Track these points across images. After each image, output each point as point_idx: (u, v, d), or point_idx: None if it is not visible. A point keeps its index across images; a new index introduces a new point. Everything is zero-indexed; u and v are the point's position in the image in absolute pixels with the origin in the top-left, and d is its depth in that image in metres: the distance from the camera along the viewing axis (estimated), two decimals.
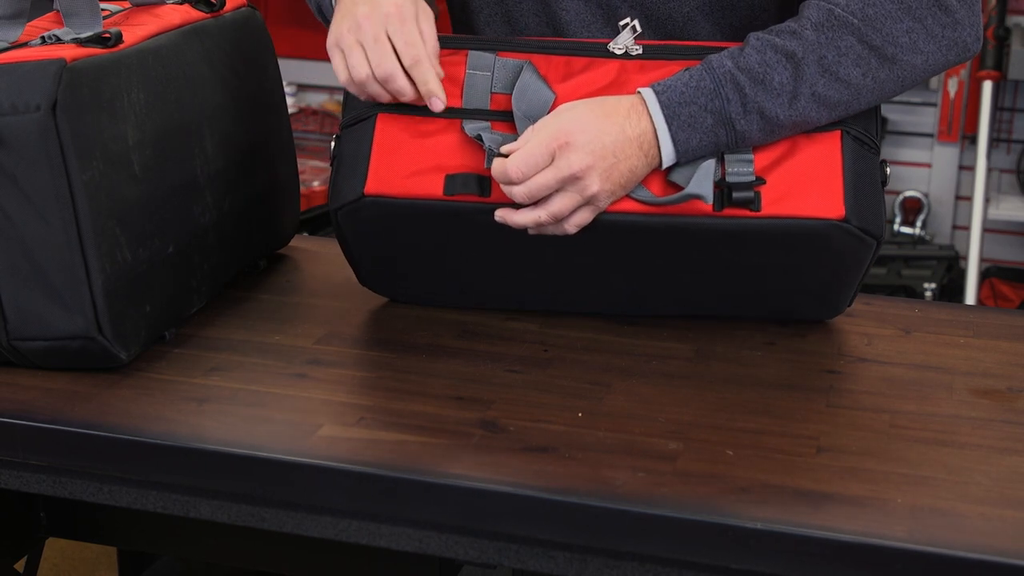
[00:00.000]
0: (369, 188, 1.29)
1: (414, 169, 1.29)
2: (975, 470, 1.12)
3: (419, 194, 1.29)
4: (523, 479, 1.09)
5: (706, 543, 1.04)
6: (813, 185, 1.27)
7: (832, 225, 1.26)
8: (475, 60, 1.32)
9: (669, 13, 1.38)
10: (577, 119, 1.24)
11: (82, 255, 1.22)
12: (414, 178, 1.29)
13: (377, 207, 1.30)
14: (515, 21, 1.43)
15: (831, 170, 1.27)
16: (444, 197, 1.29)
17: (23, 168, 1.20)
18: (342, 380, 1.28)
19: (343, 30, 1.29)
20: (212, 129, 1.41)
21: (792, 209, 1.26)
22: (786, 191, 1.27)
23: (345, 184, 1.31)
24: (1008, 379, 1.30)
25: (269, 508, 1.15)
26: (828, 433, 1.18)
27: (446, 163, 1.29)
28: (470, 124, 1.30)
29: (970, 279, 3.36)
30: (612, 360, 1.32)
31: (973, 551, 1.00)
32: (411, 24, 1.28)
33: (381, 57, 1.28)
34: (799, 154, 1.28)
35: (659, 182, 1.27)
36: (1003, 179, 3.64)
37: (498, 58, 1.31)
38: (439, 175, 1.29)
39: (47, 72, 1.20)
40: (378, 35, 1.28)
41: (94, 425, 1.18)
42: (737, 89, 1.25)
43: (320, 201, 3.62)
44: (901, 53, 1.27)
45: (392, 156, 1.30)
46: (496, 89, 1.31)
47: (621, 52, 1.31)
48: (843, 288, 1.37)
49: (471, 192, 1.28)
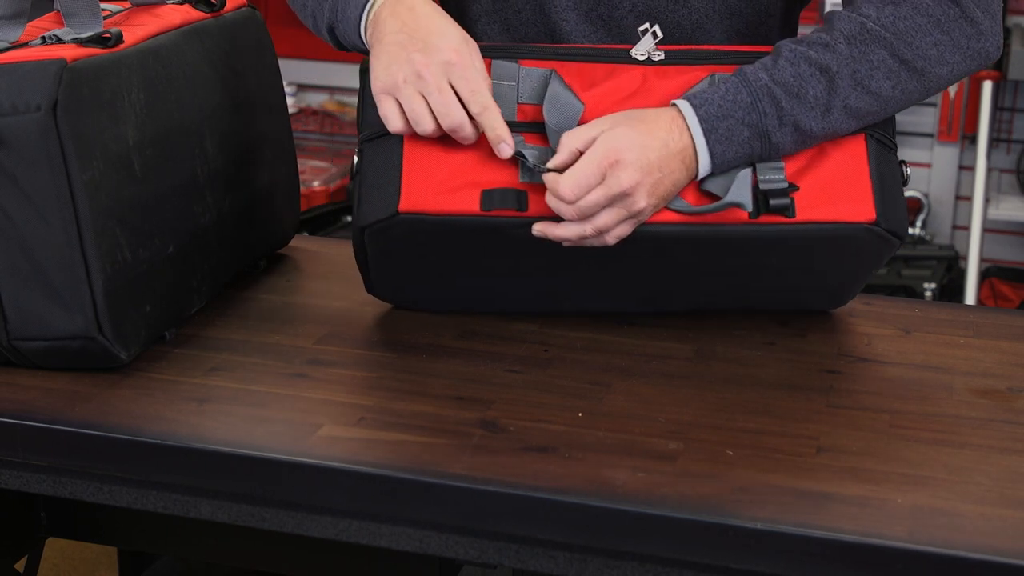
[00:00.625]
0: (404, 205, 1.26)
1: (448, 185, 1.27)
2: (975, 470, 1.12)
3: (455, 210, 1.26)
4: (523, 479, 1.09)
5: (706, 543, 1.04)
6: (844, 189, 1.28)
7: (864, 228, 1.28)
8: (499, 70, 1.29)
9: (678, 21, 1.38)
10: (623, 136, 1.23)
11: (82, 255, 1.22)
12: (449, 194, 1.26)
13: (411, 224, 1.27)
14: (514, 30, 1.42)
15: (859, 174, 1.29)
16: (481, 213, 1.26)
17: (23, 168, 1.20)
18: (342, 380, 1.28)
19: (398, 80, 1.24)
20: (212, 129, 1.41)
21: (825, 214, 1.28)
22: (818, 196, 1.28)
23: (374, 201, 1.28)
24: (1008, 379, 1.30)
25: (269, 508, 1.15)
26: (828, 433, 1.18)
27: (479, 177, 1.27)
28: None
29: (970, 279, 3.36)
30: (612, 360, 1.32)
31: (973, 551, 1.00)
32: (472, 69, 1.25)
33: (448, 108, 1.24)
34: (827, 159, 1.29)
35: (693, 191, 1.28)
36: (1003, 179, 3.64)
37: (522, 67, 1.29)
38: (474, 190, 1.27)
39: (47, 72, 1.20)
40: (441, 86, 1.24)
41: (94, 425, 1.18)
42: (774, 102, 1.26)
43: (320, 201, 3.62)
44: (929, 65, 1.28)
45: (424, 171, 1.27)
46: (523, 100, 1.28)
47: (643, 58, 1.30)
48: (857, 283, 1.40)
49: (509, 207, 1.26)
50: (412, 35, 1.25)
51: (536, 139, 1.28)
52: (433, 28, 1.26)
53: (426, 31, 1.25)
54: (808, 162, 1.29)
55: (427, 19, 1.27)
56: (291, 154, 1.61)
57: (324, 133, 4.03)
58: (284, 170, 1.59)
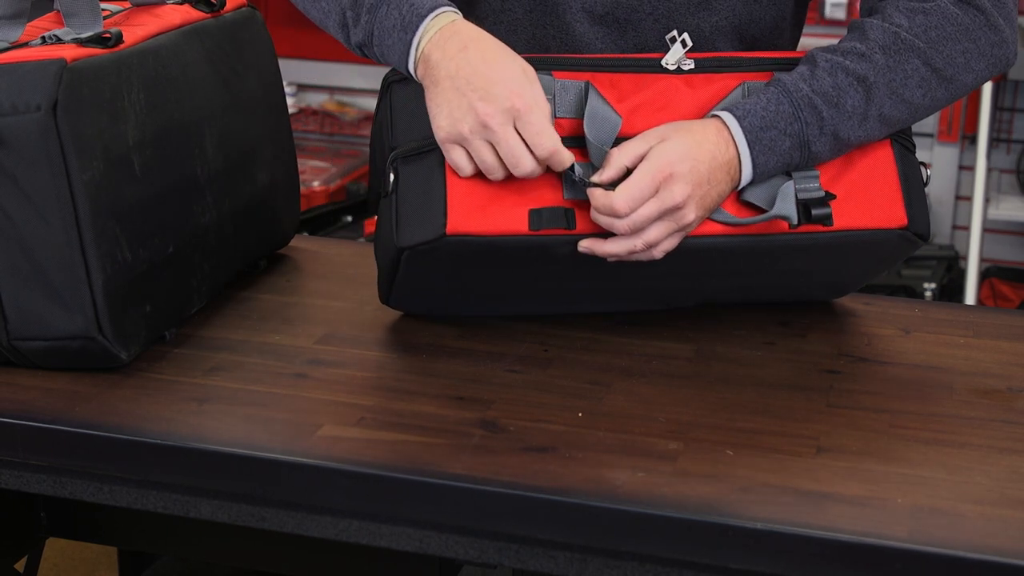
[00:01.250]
0: (451, 227, 1.24)
1: (493, 204, 1.25)
2: (975, 470, 1.12)
3: (503, 231, 1.25)
4: (523, 479, 1.09)
5: (706, 543, 1.04)
6: (876, 195, 1.30)
7: (896, 233, 1.31)
8: None
9: (697, 25, 1.38)
10: (675, 150, 1.24)
11: (82, 255, 1.22)
12: (496, 214, 1.25)
13: (457, 246, 1.26)
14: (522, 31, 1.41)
15: (889, 179, 1.31)
16: (529, 232, 1.25)
17: (23, 168, 1.20)
18: (342, 380, 1.28)
19: (463, 131, 1.21)
20: (212, 129, 1.41)
21: (861, 221, 1.30)
22: (852, 203, 1.29)
23: (417, 222, 1.26)
24: (1008, 379, 1.30)
25: (269, 508, 1.15)
26: (828, 433, 1.18)
27: (524, 196, 1.25)
28: None
29: (970, 279, 3.36)
30: (612, 360, 1.32)
31: (973, 551, 1.00)
32: (536, 112, 1.21)
33: (518, 160, 1.22)
34: (857, 165, 1.31)
35: (732, 202, 1.28)
36: (1003, 179, 3.64)
37: (557, 81, 1.27)
38: (520, 208, 1.25)
39: (47, 72, 1.20)
40: (508, 135, 1.21)
41: (94, 425, 1.18)
42: (815, 113, 1.27)
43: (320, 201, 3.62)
44: (957, 73, 1.30)
45: (468, 191, 1.25)
46: (560, 114, 1.27)
47: (674, 68, 1.30)
48: (868, 278, 1.42)
49: (558, 226, 1.26)
50: (470, 80, 1.21)
51: (574, 153, 1.26)
52: (491, 72, 1.22)
53: (484, 77, 1.21)
54: (840, 169, 1.30)
55: (482, 62, 1.22)
56: (291, 154, 1.61)
57: (324, 133, 4.03)
58: (284, 170, 1.59)
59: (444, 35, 1.23)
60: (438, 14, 1.25)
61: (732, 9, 1.38)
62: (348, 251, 1.65)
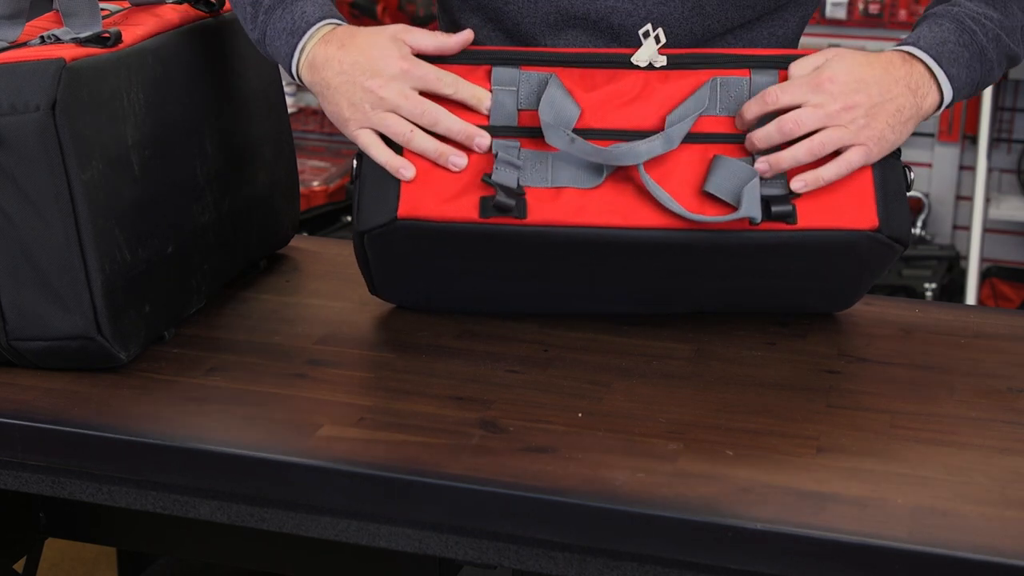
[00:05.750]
0: (402, 211, 1.26)
1: (447, 190, 1.27)
2: (975, 470, 1.12)
3: (454, 217, 1.26)
4: (523, 479, 1.09)
5: (706, 543, 1.04)
6: (846, 196, 1.28)
7: (865, 236, 1.28)
8: (500, 75, 1.29)
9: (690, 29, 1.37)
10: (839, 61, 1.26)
11: (82, 255, 1.22)
12: (448, 201, 1.26)
13: (409, 230, 1.27)
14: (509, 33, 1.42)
15: (862, 180, 1.28)
16: (480, 220, 1.26)
17: (23, 168, 1.20)
18: (342, 380, 1.28)
19: (365, 110, 1.27)
20: (211, 129, 1.41)
21: (827, 221, 1.27)
22: (820, 203, 1.27)
23: (373, 206, 1.28)
24: (1008, 379, 1.30)
25: (269, 508, 1.15)
26: (828, 433, 1.18)
27: (478, 182, 1.27)
28: (499, 142, 1.28)
29: (970, 279, 3.36)
30: (612, 360, 1.32)
31: (973, 551, 1.00)
32: (424, 66, 1.27)
33: (422, 109, 1.26)
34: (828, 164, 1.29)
35: (695, 197, 1.27)
36: (1003, 179, 3.64)
37: (522, 72, 1.29)
38: (473, 195, 1.27)
39: (47, 72, 1.20)
40: (406, 96, 1.26)
41: (94, 425, 1.17)
42: (975, 22, 1.30)
43: (320, 201, 3.62)
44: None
45: (423, 177, 1.27)
46: (523, 105, 1.28)
47: (644, 65, 1.30)
48: (860, 287, 1.40)
49: (508, 215, 1.26)
50: (355, 66, 1.27)
51: (534, 144, 1.28)
52: (370, 51, 1.27)
53: (365, 56, 1.27)
54: (809, 167, 1.28)
55: (360, 50, 1.28)
56: (291, 154, 1.61)
57: (324, 133, 4.03)
58: (284, 170, 1.59)
59: (326, 38, 1.30)
60: (325, 24, 1.31)
61: (724, 14, 1.37)
62: (348, 251, 1.65)
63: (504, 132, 1.29)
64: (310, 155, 3.87)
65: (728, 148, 1.29)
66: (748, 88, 1.29)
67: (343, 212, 3.66)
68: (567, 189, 1.27)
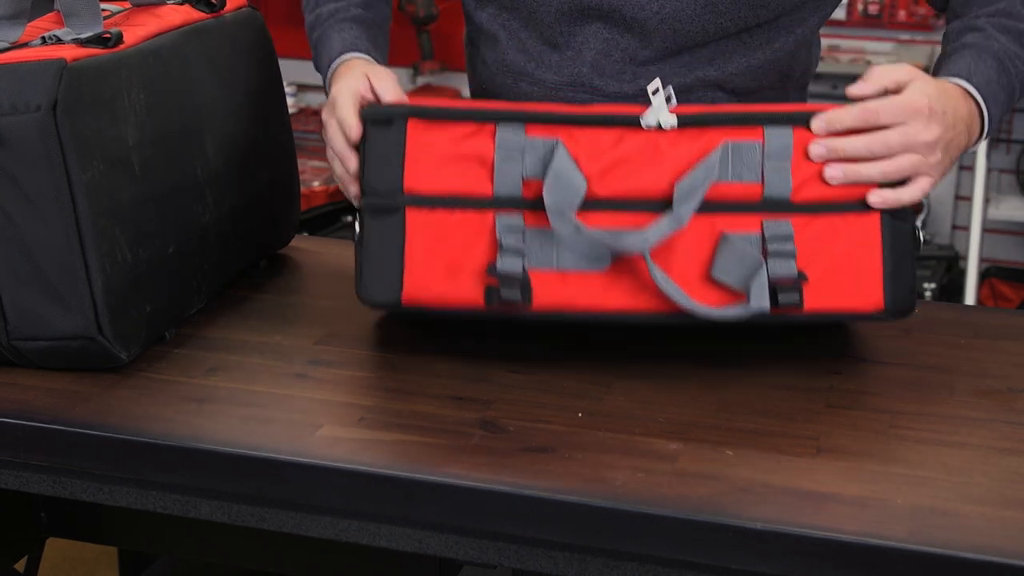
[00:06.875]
0: (407, 296, 1.25)
1: (451, 272, 1.24)
2: (975, 470, 1.12)
3: (458, 304, 1.25)
4: (523, 479, 1.09)
5: (706, 543, 1.04)
6: (853, 277, 1.25)
7: (870, 314, 1.27)
8: (504, 140, 1.24)
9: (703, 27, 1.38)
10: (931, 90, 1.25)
11: (82, 255, 1.22)
12: (452, 283, 1.24)
13: (414, 310, 1.26)
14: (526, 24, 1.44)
15: (871, 258, 1.25)
16: (485, 307, 1.24)
17: (23, 168, 1.20)
18: (342, 380, 1.28)
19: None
20: (212, 129, 1.41)
21: (833, 304, 1.25)
22: (826, 284, 1.24)
23: (377, 282, 1.26)
24: (1008, 379, 1.30)
25: (269, 508, 1.15)
26: (828, 433, 1.18)
27: (483, 263, 1.24)
28: (503, 218, 1.24)
29: (970, 279, 3.36)
30: (612, 360, 1.32)
31: (973, 551, 1.00)
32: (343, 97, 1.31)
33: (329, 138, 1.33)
34: (839, 241, 1.25)
35: (701, 282, 1.24)
36: (1003, 179, 3.64)
37: (528, 139, 1.24)
38: (478, 278, 1.24)
39: (47, 72, 1.20)
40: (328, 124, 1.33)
41: (94, 425, 1.18)
42: (1011, 62, 1.33)
43: (320, 201, 3.62)
44: None
45: (427, 257, 1.24)
46: (528, 175, 1.24)
47: (653, 125, 1.24)
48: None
49: (514, 302, 1.23)
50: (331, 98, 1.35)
51: (539, 219, 1.24)
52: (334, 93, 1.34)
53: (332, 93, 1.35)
54: (819, 243, 1.25)
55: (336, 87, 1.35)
56: (291, 154, 1.61)
57: None
58: (284, 170, 1.59)
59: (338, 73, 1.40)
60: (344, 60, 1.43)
61: (736, 12, 1.38)
62: (348, 251, 1.65)
63: (508, 204, 1.25)
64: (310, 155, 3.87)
65: (737, 218, 1.25)
66: (761, 153, 1.24)
67: (343, 212, 3.66)
68: (573, 273, 1.25)
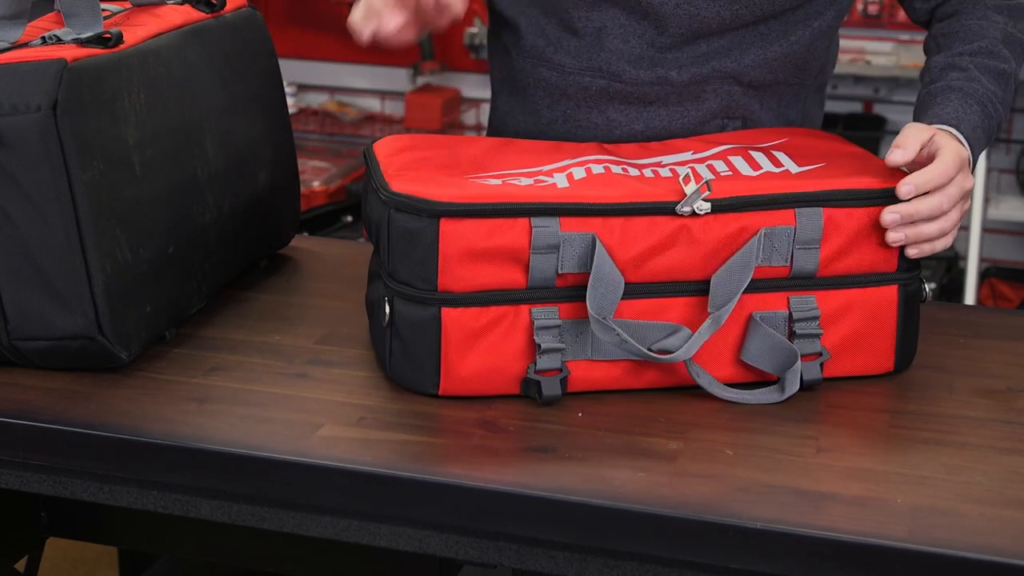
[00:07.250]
0: (444, 390, 1.23)
1: (487, 369, 1.22)
2: (975, 470, 1.12)
3: (496, 392, 1.23)
4: (523, 479, 1.09)
5: (706, 543, 1.04)
6: (868, 344, 1.28)
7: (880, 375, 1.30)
8: (540, 236, 1.20)
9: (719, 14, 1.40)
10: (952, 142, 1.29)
11: (82, 255, 1.22)
12: (491, 379, 1.23)
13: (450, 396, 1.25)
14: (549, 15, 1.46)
15: (886, 328, 1.28)
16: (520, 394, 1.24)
17: (23, 168, 1.20)
18: (342, 380, 1.28)
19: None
20: (212, 129, 1.41)
21: (847, 370, 1.28)
22: (843, 354, 1.27)
23: (411, 372, 1.23)
24: (1008, 379, 1.30)
25: (269, 508, 1.15)
26: (828, 433, 1.18)
27: (519, 361, 1.22)
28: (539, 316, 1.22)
29: (970, 279, 3.36)
30: None
31: (973, 551, 1.00)
32: None
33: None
34: (858, 313, 1.27)
35: (732, 364, 1.25)
36: (1003, 179, 3.64)
37: (563, 234, 1.20)
38: (516, 373, 1.22)
39: (48, 72, 1.20)
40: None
41: (94, 425, 1.18)
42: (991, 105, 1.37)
43: (320, 201, 3.63)
44: None
45: (462, 355, 1.21)
46: (564, 269, 1.22)
47: (688, 212, 1.22)
48: None
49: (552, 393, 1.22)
50: None
51: (572, 308, 1.22)
52: None
53: None
54: (838, 315, 1.26)
55: None
56: (291, 154, 1.61)
57: (324, 133, 4.03)
58: (284, 170, 1.59)
59: None
60: None
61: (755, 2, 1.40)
62: (348, 251, 1.65)
63: (543, 298, 1.22)
64: (310, 155, 3.87)
65: (764, 297, 1.25)
66: (792, 239, 1.24)
67: (343, 212, 3.66)
68: (609, 361, 1.24)
